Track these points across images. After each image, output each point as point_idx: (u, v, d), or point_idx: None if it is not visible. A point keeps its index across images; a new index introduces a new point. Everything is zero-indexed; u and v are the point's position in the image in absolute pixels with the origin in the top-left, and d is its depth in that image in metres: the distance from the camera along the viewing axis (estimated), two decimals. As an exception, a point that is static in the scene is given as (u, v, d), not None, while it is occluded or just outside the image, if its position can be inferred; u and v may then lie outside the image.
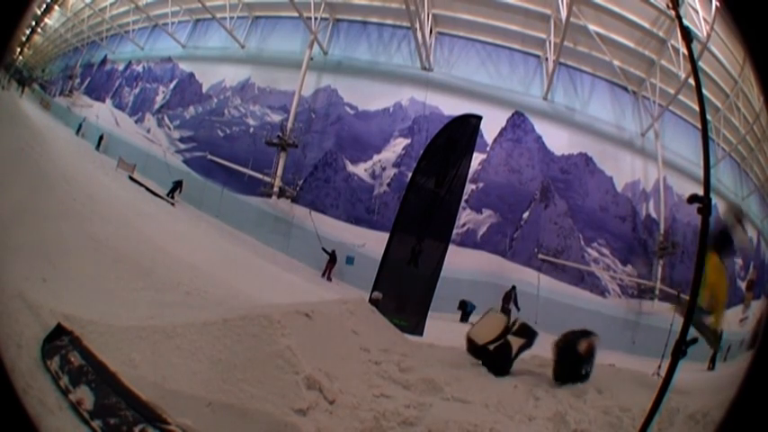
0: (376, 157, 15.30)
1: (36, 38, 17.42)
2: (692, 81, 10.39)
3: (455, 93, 14.52)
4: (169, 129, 16.88)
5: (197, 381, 3.68)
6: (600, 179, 14.76)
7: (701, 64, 11.56)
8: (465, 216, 14.28)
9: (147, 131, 16.90)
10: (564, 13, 13.04)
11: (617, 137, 14.60)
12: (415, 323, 8.82)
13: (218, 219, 14.25)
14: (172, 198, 14.42)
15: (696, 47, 10.73)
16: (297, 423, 3.44)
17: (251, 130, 16.11)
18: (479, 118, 9.66)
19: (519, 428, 3.96)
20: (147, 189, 13.94)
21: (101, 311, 4.43)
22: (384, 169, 15.13)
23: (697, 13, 11.71)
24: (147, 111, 17.31)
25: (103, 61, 18.20)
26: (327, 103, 15.68)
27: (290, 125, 15.27)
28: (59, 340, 3.70)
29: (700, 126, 4.56)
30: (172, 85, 17.28)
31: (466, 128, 9.47)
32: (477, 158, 13.98)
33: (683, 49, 12.50)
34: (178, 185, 14.71)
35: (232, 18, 16.24)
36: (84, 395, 3.29)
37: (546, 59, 14.49)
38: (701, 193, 3.32)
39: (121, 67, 18.07)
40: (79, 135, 15.89)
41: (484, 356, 5.79)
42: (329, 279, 13.60)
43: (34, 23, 16.36)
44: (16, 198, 5.63)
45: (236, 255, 12.36)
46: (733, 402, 2.10)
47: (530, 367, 5.85)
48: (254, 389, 3.63)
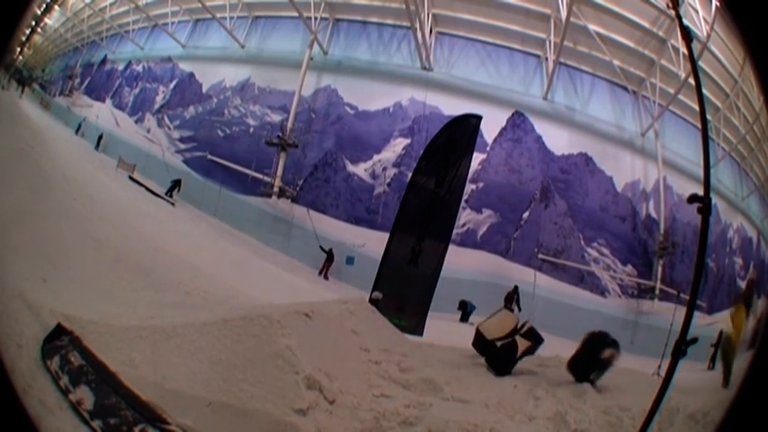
0: (376, 157, 15.29)
1: (36, 38, 17.43)
2: (692, 81, 10.41)
3: (455, 93, 14.51)
4: (169, 129, 16.87)
5: (197, 381, 3.69)
6: (600, 179, 14.75)
7: (700, 64, 11.57)
8: (465, 216, 14.26)
9: (147, 131, 16.90)
10: (564, 13, 13.03)
11: (617, 137, 14.58)
12: (415, 323, 8.83)
13: (215, 218, 14.23)
14: (170, 197, 14.41)
15: (696, 47, 10.75)
16: (297, 423, 3.45)
17: (251, 130, 16.10)
18: (479, 118, 9.67)
19: (519, 428, 3.96)
20: (147, 189, 13.94)
21: (101, 311, 4.43)
22: (384, 169, 15.11)
23: (697, 12, 11.71)
24: (147, 111, 17.30)
25: (103, 61, 18.20)
26: (327, 103, 15.67)
27: (290, 125, 15.26)
28: (59, 340, 3.70)
29: (700, 126, 4.57)
30: (172, 85, 17.27)
31: (466, 128, 9.47)
32: (477, 158, 13.96)
33: (683, 49, 12.49)
34: (176, 184, 14.71)
35: (232, 18, 16.23)
36: (84, 395, 3.29)
37: (546, 59, 14.48)
38: (701, 192, 3.33)
39: (121, 67, 18.07)
40: (78, 134, 15.90)
41: (489, 352, 5.83)
42: (326, 278, 13.58)
43: (34, 23, 16.36)
44: (16, 198, 5.62)
45: (236, 255, 12.35)
46: (733, 402, 2.10)
47: (530, 367, 5.86)
48: (254, 389, 3.63)
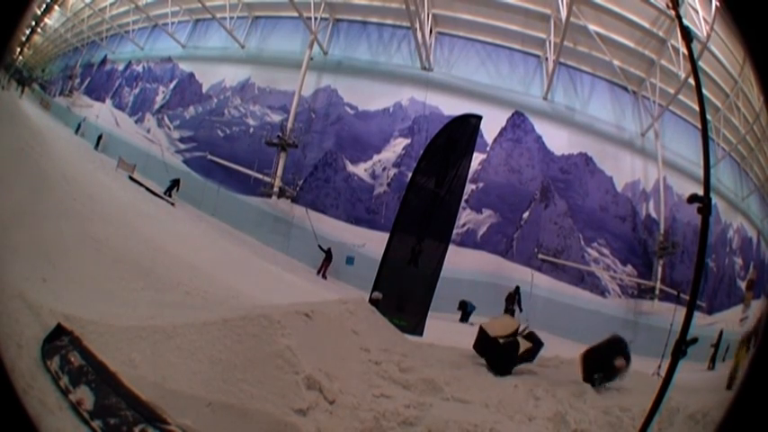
0: (376, 157, 15.28)
1: (36, 38, 17.42)
2: (691, 81, 10.40)
3: (455, 93, 14.50)
4: (169, 129, 16.86)
5: (197, 381, 3.68)
6: (600, 179, 14.75)
7: (700, 64, 11.56)
8: (465, 216, 14.26)
9: (147, 131, 16.89)
10: (564, 13, 13.02)
11: (617, 137, 14.57)
12: (415, 323, 8.82)
13: (214, 218, 14.22)
14: (168, 196, 14.41)
15: (696, 47, 10.74)
16: (297, 423, 3.45)
17: (251, 130, 16.10)
18: (479, 118, 9.67)
19: (519, 428, 3.96)
20: (147, 189, 13.94)
21: (101, 311, 4.43)
22: (384, 169, 15.11)
23: (697, 13, 11.70)
24: (146, 111, 17.29)
25: (103, 61, 18.18)
26: (327, 103, 15.66)
27: (289, 125, 15.25)
28: (59, 340, 3.70)
29: (700, 126, 4.57)
30: (172, 85, 17.26)
31: (466, 128, 9.47)
32: (477, 158, 13.95)
33: (683, 49, 12.48)
34: (175, 184, 14.70)
35: (232, 18, 16.22)
36: (84, 395, 3.29)
37: (546, 59, 14.47)
38: (701, 192, 3.33)
39: (121, 67, 18.05)
40: (78, 135, 15.89)
41: (491, 350, 5.85)
42: (324, 277, 13.57)
43: (34, 23, 16.35)
44: (16, 198, 5.62)
45: (236, 255, 12.35)
46: (733, 402, 2.10)
47: (530, 367, 5.87)
48: (254, 389, 3.63)
